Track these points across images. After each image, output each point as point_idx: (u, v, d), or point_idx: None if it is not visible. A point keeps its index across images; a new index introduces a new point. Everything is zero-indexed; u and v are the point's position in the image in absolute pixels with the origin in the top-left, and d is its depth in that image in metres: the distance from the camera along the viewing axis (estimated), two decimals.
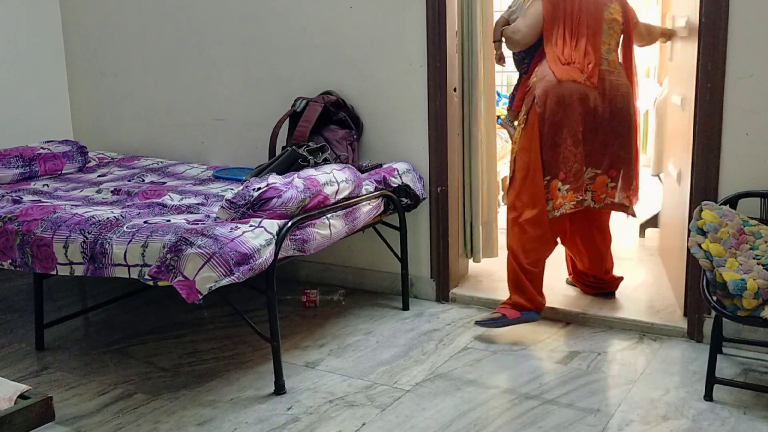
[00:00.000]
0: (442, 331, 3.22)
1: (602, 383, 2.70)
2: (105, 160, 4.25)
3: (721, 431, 2.35)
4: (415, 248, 3.57)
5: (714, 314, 2.53)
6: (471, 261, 3.81)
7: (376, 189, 3.19)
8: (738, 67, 2.76)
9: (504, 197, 3.30)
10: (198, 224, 2.67)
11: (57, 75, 4.60)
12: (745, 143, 2.79)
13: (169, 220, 2.78)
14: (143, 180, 3.71)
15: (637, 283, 3.59)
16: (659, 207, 4.13)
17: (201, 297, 2.40)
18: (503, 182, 4.54)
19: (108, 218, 2.79)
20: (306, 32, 3.73)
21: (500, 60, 3.38)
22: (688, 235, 2.55)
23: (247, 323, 2.70)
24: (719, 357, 2.69)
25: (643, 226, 4.44)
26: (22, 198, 3.33)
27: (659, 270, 3.80)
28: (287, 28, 3.78)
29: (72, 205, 3.11)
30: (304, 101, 3.53)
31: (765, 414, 2.44)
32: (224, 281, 2.42)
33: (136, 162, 4.14)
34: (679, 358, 2.87)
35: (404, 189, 3.33)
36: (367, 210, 3.15)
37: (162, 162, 4.10)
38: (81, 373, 2.92)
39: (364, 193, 3.10)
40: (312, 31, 3.71)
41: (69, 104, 4.67)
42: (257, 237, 2.53)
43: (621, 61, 3.16)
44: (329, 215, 2.88)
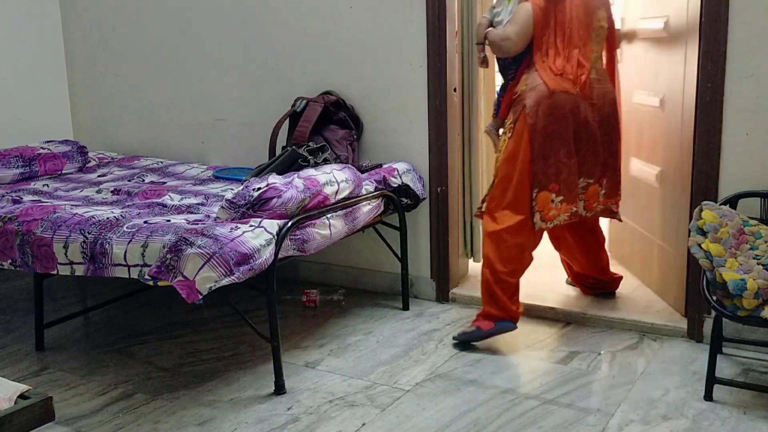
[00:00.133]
0: (442, 331, 3.22)
1: (602, 383, 2.70)
2: (105, 160, 4.25)
3: (721, 431, 2.35)
4: (415, 248, 3.57)
5: (714, 314, 2.53)
6: (471, 261, 3.82)
7: (376, 189, 3.19)
8: (738, 67, 2.76)
9: (483, 207, 3.11)
10: (198, 224, 2.67)
11: (57, 75, 4.60)
12: (745, 143, 2.79)
13: (169, 220, 2.78)
14: (143, 180, 3.71)
15: (637, 284, 3.59)
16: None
17: (201, 297, 2.40)
18: None
19: (108, 218, 2.79)
20: (306, 32, 3.73)
21: (483, 63, 3.24)
22: (689, 235, 2.55)
23: (247, 323, 2.70)
24: (719, 357, 2.69)
25: None
26: (22, 198, 3.33)
27: (627, 274, 3.66)
28: (287, 28, 3.78)
29: (72, 205, 3.11)
30: (304, 101, 3.53)
31: (765, 414, 2.44)
32: (224, 281, 2.42)
33: (136, 162, 4.15)
34: (679, 358, 2.87)
35: (404, 189, 3.32)
36: (367, 210, 3.15)
37: (162, 162, 4.10)
38: (81, 373, 2.92)
39: (364, 193, 3.10)
40: (312, 31, 3.72)
41: (69, 104, 4.67)
42: (257, 237, 2.53)
43: (605, 68, 3.11)
44: (329, 215, 2.88)
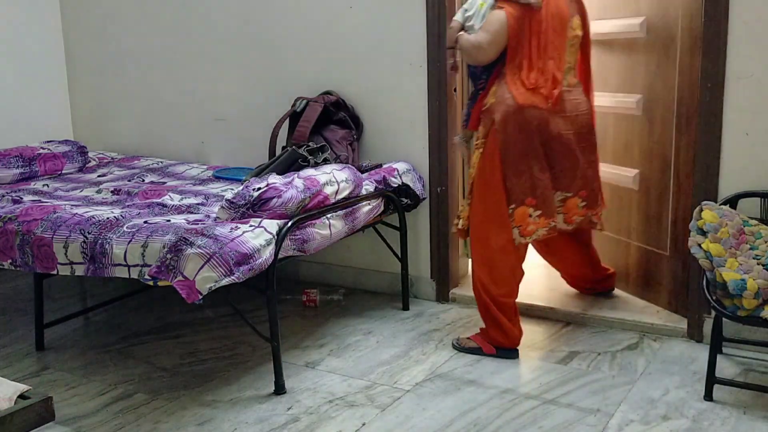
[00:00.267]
0: (443, 332, 3.22)
1: (602, 383, 2.70)
2: (105, 160, 4.25)
3: (721, 431, 2.35)
4: (415, 248, 3.57)
5: (714, 314, 2.53)
6: (471, 261, 3.81)
7: (376, 189, 3.19)
8: (738, 67, 2.76)
9: (458, 223, 3.03)
10: (198, 224, 2.67)
11: (57, 75, 4.60)
12: (745, 143, 2.79)
13: (169, 220, 2.78)
14: (143, 180, 3.71)
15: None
16: None
17: (201, 297, 2.40)
18: None
19: (108, 218, 2.79)
20: (306, 32, 3.73)
21: (453, 68, 3.13)
22: (688, 235, 2.55)
23: (247, 323, 2.70)
24: (719, 357, 2.69)
25: None
26: (22, 198, 3.33)
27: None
28: (287, 28, 3.78)
29: (72, 205, 3.11)
30: (304, 101, 3.53)
31: (765, 414, 2.44)
32: (224, 281, 2.42)
33: (136, 162, 4.15)
34: (679, 358, 2.87)
35: (404, 189, 3.32)
36: (367, 210, 3.15)
37: (162, 162, 4.11)
38: (81, 373, 2.92)
39: (364, 193, 3.09)
40: (312, 31, 3.71)
41: (69, 104, 4.67)
42: (257, 237, 2.53)
43: (579, 77, 2.96)
44: (329, 215, 2.88)
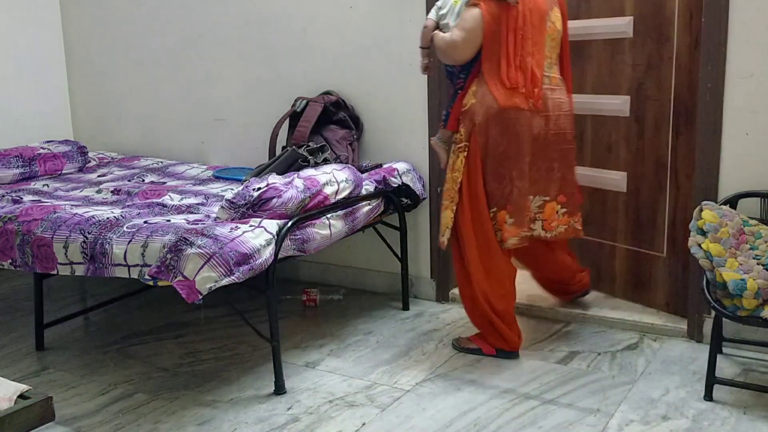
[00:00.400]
0: (443, 331, 3.22)
1: (602, 383, 2.70)
2: (105, 160, 4.25)
3: (721, 431, 2.35)
4: (415, 248, 3.57)
5: (714, 314, 2.53)
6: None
7: (376, 189, 3.18)
8: (738, 67, 2.76)
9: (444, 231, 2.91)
10: (198, 224, 2.67)
11: (57, 75, 4.60)
12: (745, 143, 2.79)
13: (169, 220, 2.78)
14: (143, 180, 3.72)
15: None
16: None
17: (201, 297, 2.40)
18: None
19: (108, 218, 2.79)
20: (306, 32, 3.73)
21: (427, 69, 3.00)
22: (688, 235, 2.55)
23: (247, 323, 2.70)
24: (719, 357, 2.69)
25: None
26: (22, 198, 3.34)
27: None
28: (287, 29, 3.79)
29: (72, 205, 3.11)
30: (304, 101, 3.54)
31: (765, 414, 2.44)
32: (224, 281, 2.42)
33: (136, 162, 4.15)
34: (679, 358, 2.87)
35: (404, 189, 3.32)
36: (367, 210, 3.15)
37: (162, 162, 4.11)
38: (81, 373, 2.92)
39: (364, 193, 3.09)
40: (312, 31, 3.72)
41: (69, 104, 4.67)
42: (257, 237, 2.53)
43: (560, 75, 2.87)
44: (329, 215, 2.88)
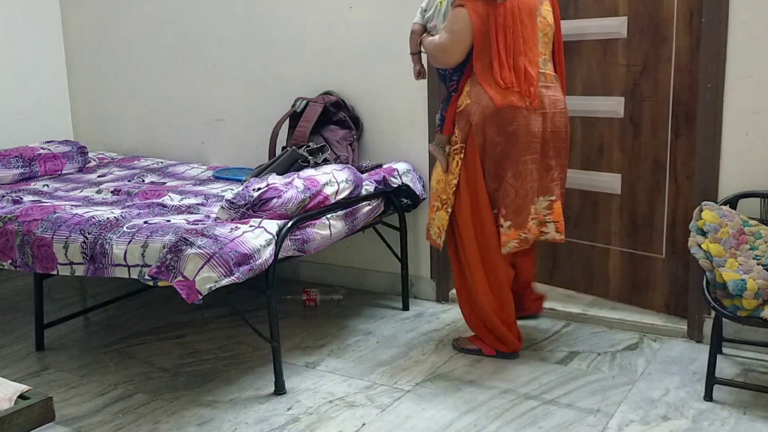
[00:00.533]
0: (442, 332, 3.22)
1: (602, 383, 2.70)
2: (105, 161, 4.25)
3: (721, 431, 2.35)
4: (415, 248, 3.57)
5: (714, 314, 2.53)
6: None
7: (376, 189, 3.18)
8: (738, 67, 2.76)
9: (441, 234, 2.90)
10: (198, 224, 2.67)
11: (57, 75, 4.60)
12: (745, 143, 2.79)
13: (169, 221, 2.78)
14: (143, 180, 3.72)
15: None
16: None
17: (201, 297, 2.40)
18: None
19: (108, 218, 2.79)
20: (306, 32, 3.73)
21: (420, 75, 2.98)
22: (688, 236, 2.56)
23: (247, 323, 2.70)
24: (719, 357, 2.69)
25: None
26: (22, 198, 3.34)
27: None
28: (287, 29, 3.78)
29: (72, 206, 3.11)
30: (304, 101, 3.54)
31: (765, 414, 2.44)
32: (224, 281, 2.42)
33: (136, 162, 4.15)
34: (679, 359, 2.87)
35: (404, 189, 3.32)
36: (367, 210, 3.15)
37: (162, 162, 4.11)
38: (81, 373, 2.92)
39: (364, 194, 3.09)
40: (312, 31, 3.72)
41: (69, 104, 4.67)
42: (257, 237, 2.53)
43: (554, 72, 2.82)
44: (329, 215, 2.88)
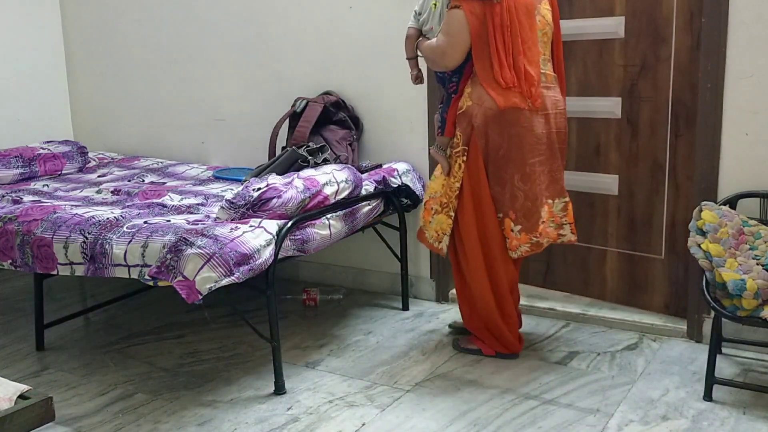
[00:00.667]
0: (443, 331, 3.22)
1: (602, 383, 2.70)
2: (105, 161, 4.25)
3: (721, 431, 2.35)
4: (415, 248, 3.57)
5: (713, 314, 2.54)
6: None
7: (376, 189, 3.18)
8: (738, 67, 2.76)
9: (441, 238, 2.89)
10: (198, 224, 2.67)
11: (57, 75, 4.60)
12: (745, 143, 2.80)
13: (169, 221, 2.78)
14: (143, 180, 3.72)
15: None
16: None
17: (201, 297, 2.40)
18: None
19: (108, 218, 2.79)
20: (306, 32, 3.73)
21: (418, 80, 2.95)
22: (688, 236, 2.56)
23: (247, 323, 2.70)
24: (719, 357, 2.69)
25: None
26: (22, 198, 3.34)
27: None
28: (287, 28, 3.79)
29: (72, 206, 3.11)
30: (304, 101, 3.54)
31: (765, 414, 2.44)
32: (224, 281, 2.42)
33: (136, 162, 4.15)
34: (679, 358, 2.88)
35: (404, 189, 3.32)
36: (367, 210, 3.15)
37: (162, 162, 4.11)
38: (81, 373, 2.92)
39: (364, 194, 3.10)
40: (312, 31, 3.72)
41: (69, 104, 4.67)
42: (257, 237, 2.53)
43: (554, 71, 2.80)
44: (329, 215, 2.88)
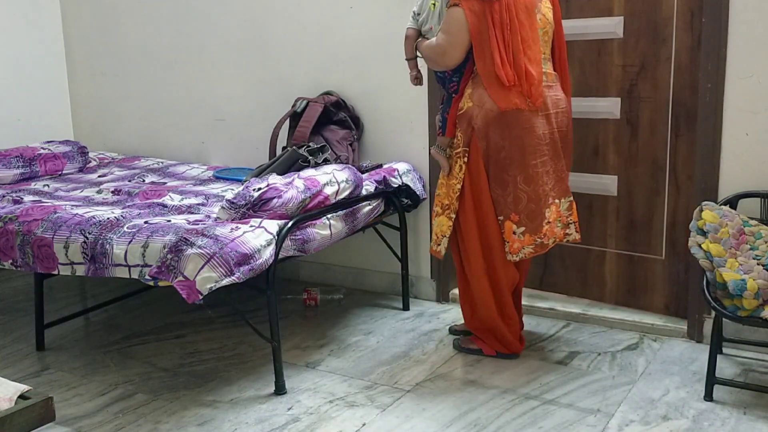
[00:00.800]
0: (443, 332, 3.22)
1: (602, 383, 2.70)
2: (105, 161, 4.25)
3: (722, 431, 2.35)
4: (415, 248, 3.57)
5: (714, 314, 2.54)
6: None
7: (377, 189, 3.19)
8: (738, 67, 2.76)
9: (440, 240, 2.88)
10: (198, 224, 2.68)
11: (57, 75, 4.60)
12: (745, 143, 2.80)
13: (170, 221, 2.78)
14: (143, 180, 3.72)
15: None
16: None
17: (201, 297, 2.40)
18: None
19: (108, 218, 2.79)
20: (306, 32, 3.73)
21: (417, 80, 2.93)
22: (688, 236, 2.56)
23: (247, 323, 2.70)
24: (719, 357, 2.69)
25: None
26: (23, 198, 3.34)
27: None
28: (287, 28, 3.79)
29: (72, 206, 3.11)
30: (305, 101, 3.54)
31: (765, 414, 2.44)
32: (225, 281, 2.42)
33: (137, 162, 4.15)
34: (679, 359, 2.88)
35: (404, 189, 3.33)
36: (368, 210, 3.15)
37: (162, 162, 4.11)
38: (81, 373, 2.92)
39: (365, 194, 3.10)
40: (312, 31, 3.72)
41: (69, 104, 4.67)
42: (258, 237, 2.53)
43: (555, 70, 2.77)
44: (329, 215, 2.88)
